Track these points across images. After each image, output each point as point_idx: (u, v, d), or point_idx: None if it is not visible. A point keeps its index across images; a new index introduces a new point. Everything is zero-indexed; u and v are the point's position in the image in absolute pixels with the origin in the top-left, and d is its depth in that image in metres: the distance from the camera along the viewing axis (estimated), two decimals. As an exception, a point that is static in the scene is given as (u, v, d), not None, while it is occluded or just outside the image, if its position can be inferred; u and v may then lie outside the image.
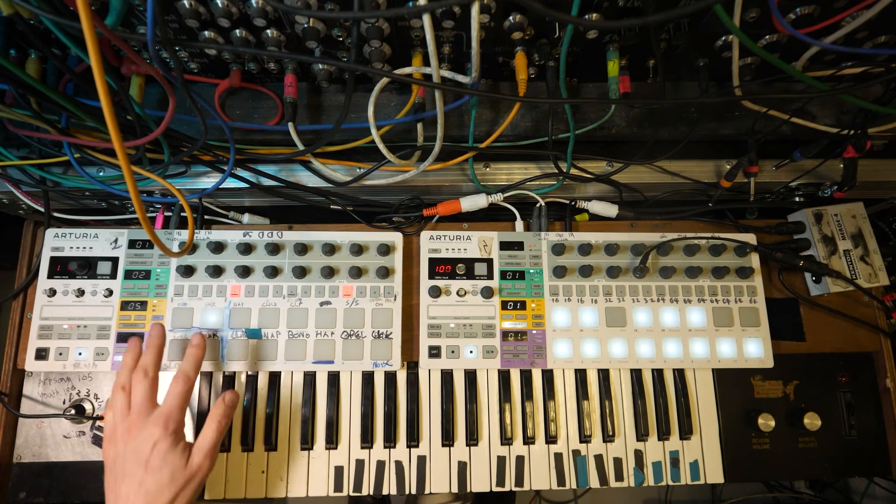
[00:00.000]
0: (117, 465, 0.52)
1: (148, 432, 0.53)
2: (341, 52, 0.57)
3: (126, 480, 0.51)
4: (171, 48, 0.47)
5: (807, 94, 0.62)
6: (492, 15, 0.50)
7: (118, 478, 0.52)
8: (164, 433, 0.53)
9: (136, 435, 0.53)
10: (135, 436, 0.53)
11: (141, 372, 0.56)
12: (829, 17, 0.49)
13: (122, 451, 0.53)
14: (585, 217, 0.74)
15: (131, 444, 0.53)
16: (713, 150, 0.70)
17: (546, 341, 0.67)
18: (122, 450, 0.53)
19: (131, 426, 0.53)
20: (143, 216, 0.43)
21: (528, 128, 0.66)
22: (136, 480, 0.51)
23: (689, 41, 0.56)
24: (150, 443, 0.52)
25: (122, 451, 0.53)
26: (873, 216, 0.73)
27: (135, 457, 0.52)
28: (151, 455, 0.52)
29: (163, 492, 0.51)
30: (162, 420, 0.53)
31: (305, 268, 0.67)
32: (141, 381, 0.55)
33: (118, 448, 0.53)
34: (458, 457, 0.65)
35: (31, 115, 0.53)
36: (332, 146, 0.64)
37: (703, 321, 0.68)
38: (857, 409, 0.69)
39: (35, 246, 0.71)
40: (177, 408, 0.55)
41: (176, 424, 0.54)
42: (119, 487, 0.51)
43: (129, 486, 0.51)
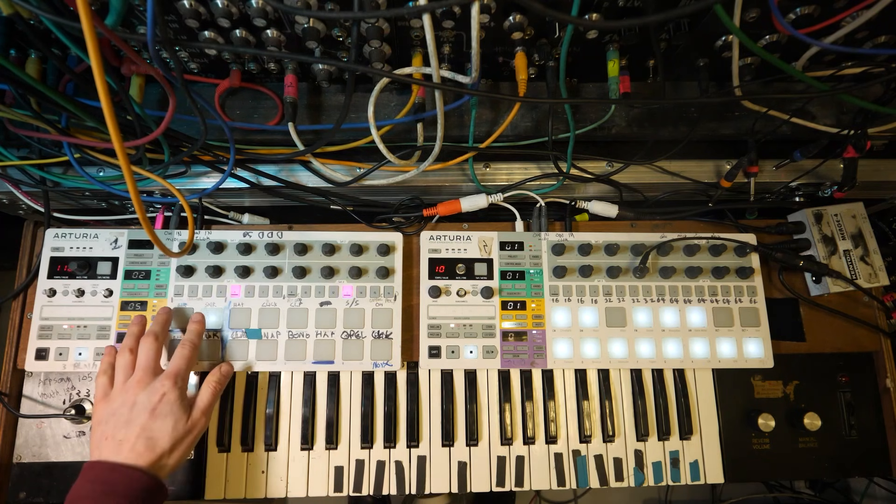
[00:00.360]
0: (118, 415, 0.54)
1: (159, 384, 0.55)
2: (341, 52, 0.57)
3: (126, 427, 0.53)
4: (171, 48, 0.47)
5: (807, 94, 0.62)
6: (492, 15, 0.50)
7: (118, 426, 0.53)
8: (174, 387, 0.56)
9: (145, 388, 0.55)
10: (143, 388, 0.55)
11: (151, 336, 0.59)
12: (829, 17, 0.49)
13: (126, 401, 0.55)
14: (585, 217, 0.74)
15: (140, 395, 0.55)
16: (713, 150, 0.70)
17: (546, 341, 0.67)
18: (126, 399, 0.55)
19: (140, 381, 0.56)
20: (143, 216, 0.43)
21: (528, 128, 0.66)
22: (139, 425, 0.53)
23: (689, 41, 0.56)
24: (160, 394, 0.55)
25: (126, 401, 0.55)
26: (873, 216, 0.73)
27: (142, 405, 0.54)
28: (160, 404, 0.54)
29: (164, 437, 0.53)
30: (172, 376, 0.56)
31: (305, 268, 0.67)
32: (151, 343, 0.58)
33: (120, 399, 0.55)
34: (458, 457, 0.65)
35: (31, 115, 0.53)
36: (332, 146, 0.64)
37: (703, 321, 0.68)
38: (857, 409, 0.69)
39: (35, 246, 0.71)
40: (185, 368, 0.58)
41: (183, 382, 0.58)
42: (116, 433, 0.53)
43: (130, 431, 0.53)
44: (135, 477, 0.50)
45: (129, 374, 0.57)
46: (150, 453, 0.52)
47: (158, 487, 0.52)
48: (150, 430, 0.53)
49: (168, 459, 0.54)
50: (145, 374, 0.56)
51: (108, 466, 0.51)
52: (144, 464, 0.51)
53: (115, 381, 0.57)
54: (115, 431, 0.53)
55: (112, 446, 0.52)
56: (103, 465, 0.51)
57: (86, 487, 0.50)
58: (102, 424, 0.54)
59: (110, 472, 0.50)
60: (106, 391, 0.57)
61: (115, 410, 0.55)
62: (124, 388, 0.56)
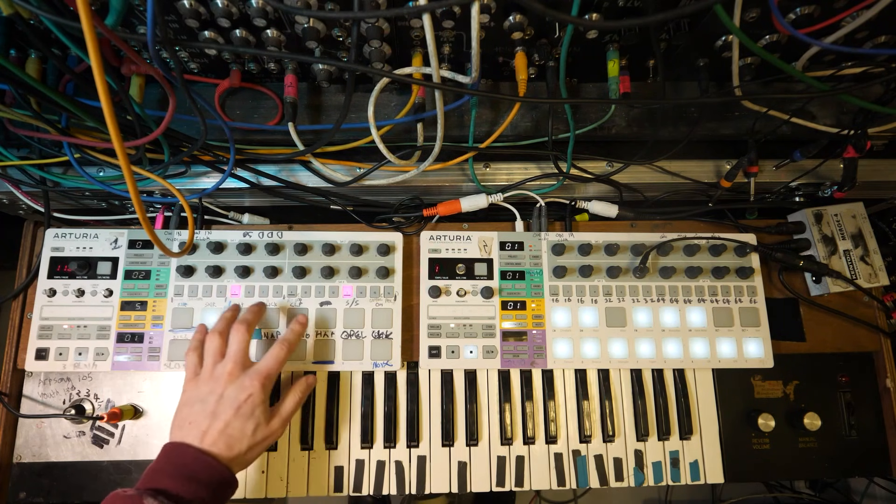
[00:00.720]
0: (206, 402, 0.54)
1: (248, 382, 0.55)
2: (341, 52, 0.57)
3: (212, 419, 0.53)
4: (171, 48, 0.47)
5: (807, 94, 0.62)
6: (492, 15, 0.50)
7: (203, 414, 0.54)
8: (261, 389, 0.56)
9: (234, 381, 0.55)
10: (232, 381, 0.55)
11: (244, 324, 0.59)
12: (829, 17, 0.49)
13: (214, 390, 0.55)
14: (585, 217, 0.74)
15: (228, 388, 0.55)
16: (713, 150, 0.70)
17: (546, 341, 0.67)
18: (214, 389, 0.55)
19: (230, 373, 0.56)
20: (143, 216, 0.43)
21: (528, 128, 0.66)
22: (222, 421, 0.53)
23: (689, 41, 0.56)
24: (247, 393, 0.55)
25: (214, 390, 0.55)
26: (873, 216, 0.73)
27: (228, 401, 0.54)
28: (245, 403, 0.54)
29: (243, 440, 0.54)
30: (261, 376, 0.56)
31: (305, 268, 0.67)
32: (243, 333, 0.58)
33: (209, 387, 0.55)
34: (458, 457, 0.65)
35: (31, 115, 0.53)
36: (332, 146, 0.64)
37: (703, 321, 0.68)
38: (857, 409, 0.69)
39: (35, 246, 0.71)
40: (275, 370, 0.58)
41: (270, 384, 0.57)
42: (201, 422, 0.53)
43: (213, 425, 0.53)
44: (216, 468, 0.51)
45: (218, 360, 0.57)
46: (228, 451, 0.53)
47: (232, 482, 0.53)
48: (233, 429, 0.53)
49: (243, 459, 0.54)
50: (235, 367, 0.56)
51: (193, 452, 0.51)
52: (224, 458, 0.52)
53: (205, 364, 0.57)
54: (200, 419, 0.53)
55: (195, 433, 0.53)
56: (189, 450, 0.52)
57: (169, 467, 0.50)
58: (188, 406, 0.55)
59: (194, 458, 0.51)
60: (196, 371, 0.57)
61: (203, 397, 0.55)
62: (213, 375, 0.56)
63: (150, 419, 0.66)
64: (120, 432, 0.65)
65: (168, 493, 0.48)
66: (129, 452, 0.64)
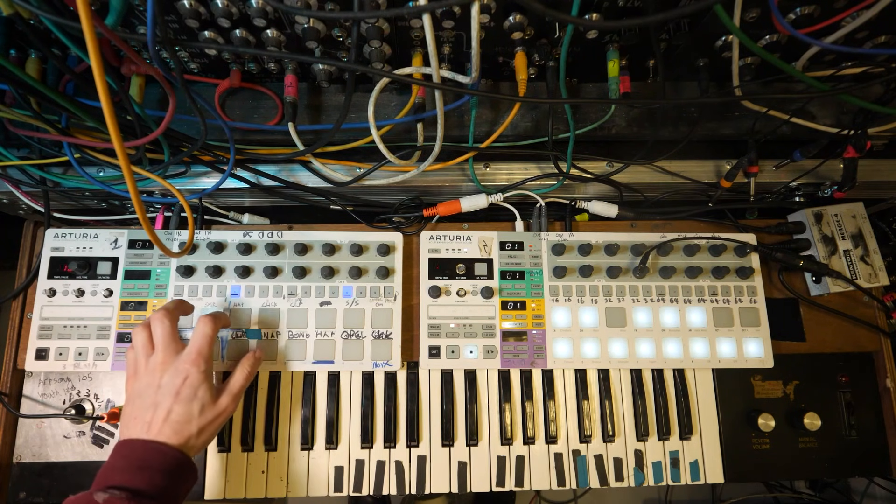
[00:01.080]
0: (144, 396, 0.54)
1: (181, 366, 0.54)
2: (341, 52, 0.57)
3: (154, 410, 0.53)
4: (171, 48, 0.47)
5: (807, 94, 0.62)
6: (492, 15, 0.50)
7: (144, 407, 0.53)
8: (196, 369, 0.55)
9: (167, 369, 0.55)
10: (166, 369, 0.55)
11: (161, 311, 0.57)
12: (829, 17, 0.49)
13: (151, 383, 0.54)
14: (585, 217, 0.74)
15: (164, 377, 0.54)
16: (713, 150, 0.70)
17: (546, 341, 0.67)
18: (151, 381, 0.54)
19: (162, 362, 0.55)
20: (143, 216, 0.43)
21: (528, 128, 0.66)
22: (164, 409, 0.52)
23: (689, 41, 0.56)
24: (182, 377, 0.54)
25: (151, 383, 0.54)
26: (873, 216, 0.73)
27: (166, 389, 0.53)
28: (182, 387, 0.53)
29: (191, 422, 0.53)
30: (192, 357, 0.55)
31: (305, 268, 0.67)
32: (162, 319, 0.57)
33: (146, 380, 0.55)
34: (458, 457, 0.65)
35: (31, 115, 0.53)
36: (332, 146, 0.64)
37: (703, 321, 0.68)
38: (857, 409, 0.69)
39: (35, 246, 0.71)
40: (206, 346, 0.56)
41: (206, 364, 0.56)
42: (144, 415, 0.53)
43: (156, 415, 0.52)
44: (167, 453, 0.51)
45: (150, 353, 0.56)
46: (177, 436, 0.52)
47: (189, 465, 0.52)
48: (176, 414, 0.52)
49: (195, 441, 0.53)
50: (166, 354, 0.55)
51: (140, 443, 0.51)
52: (173, 444, 0.52)
53: (137, 361, 0.57)
54: (142, 413, 0.53)
55: (140, 427, 0.52)
56: (136, 443, 0.51)
57: (119, 462, 0.50)
58: (130, 404, 0.55)
59: (143, 448, 0.51)
60: (136, 368, 0.57)
61: (141, 391, 0.54)
62: (147, 368, 0.55)
63: (150, 419, 0.65)
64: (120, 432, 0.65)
65: (121, 487, 0.47)
66: (129, 452, 0.64)
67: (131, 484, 0.47)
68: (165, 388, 0.54)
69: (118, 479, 0.48)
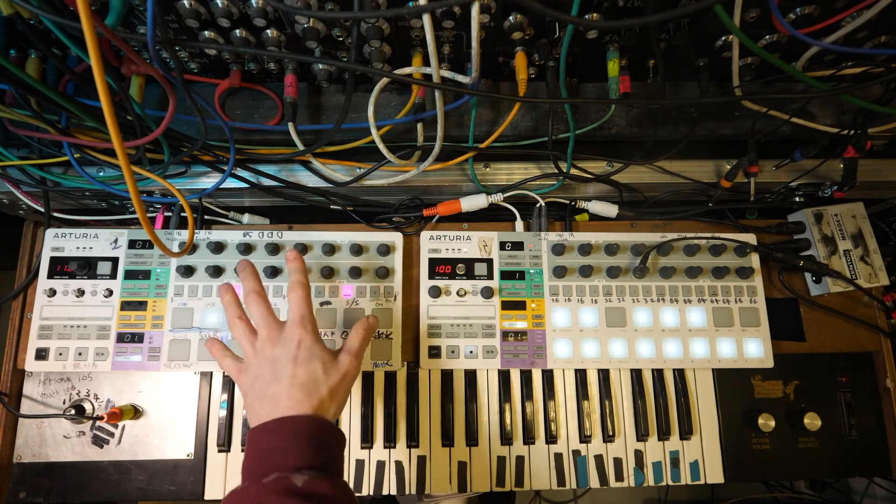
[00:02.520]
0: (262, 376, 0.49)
1: (289, 333, 0.51)
2: (341, 52, 0.57)
3: (276, 382, 0.48)
4: (171, 48, 0.47)
5: (807, 94, 0.62)
6: (492, 15, 0.50)
7: (266, 385, 0.49)
8: (305, 331, 0.51)
9: (276, 342, 0.51)
10: (275, 343, 0.51)
11: (254, 294, 0.54)
12: (829, 17, 0.49)
13: (264, 361, 0.50)
14: (585, 217, 0.74)
15: (275, 350, 0.50)
16: (713, 150, 0.70)
17: (546, 341, 0.67)
18: (263, 360, 0.50)
19: (268, 337, 0.51)
20: (143, 216, 0.43)
21: (528, 128, 0.66)
22: (286, 376, 0.48)
23: (689, 41, 0.56)
24: (295, 342, 0.50)
25: (264, 361, 0.50)
26: (873, 216, 0.73)
27: (282, 358, 0.50)
28: (298, 351, 0.50)
29: (318, 383, 0.49)
30: (298, 322, 0.52)
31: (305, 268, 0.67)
32: (258, 301, 0.53)
33: (258, 361, 0.51)
34: (458, 457, 0.65)
35: (31, 115, 0.53)
36: (332, 146, 0.64)
37: (703, 321, 0.68)
38: (857, 409, 0.69)
39: (35, 246, 0.71)
40: (307, 311, 0.53)
41: (312, 325, 0.52)
42: (268, 391, 0.48)
43: (280, 385, 0.48)
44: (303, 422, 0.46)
45: (253, 339, 0.52)
46: (310, 399, 0.47)
47: (332, 428, 0.48)
48: (300, 377, 0.48)
49: (330, 406, 0.49)
50: (271, 330, 0.51)
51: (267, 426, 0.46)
52: (308, 410, 0.47)
53: (244, 351, 0.53)
54: (265, 390, 0.48)
55: (268, 406, 0.48)
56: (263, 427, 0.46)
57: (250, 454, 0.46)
58: (250, 392, 0.50)
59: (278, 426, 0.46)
60: (238, 367, 0.53)
61: (257, 374, 0.50)
62: (256, 351, 0.51)
63: (150, 419, 0.66)
64: (120, 432, 0.65)
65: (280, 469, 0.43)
66: (129, 452, 0.64)
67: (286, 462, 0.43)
68: (281, 357, 0.50)
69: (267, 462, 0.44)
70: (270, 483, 0.42)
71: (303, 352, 0.50)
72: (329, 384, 0.49)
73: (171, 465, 0.64)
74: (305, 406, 0.47)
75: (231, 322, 0.54)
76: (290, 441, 0.45)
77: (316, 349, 0.51)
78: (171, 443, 0.65)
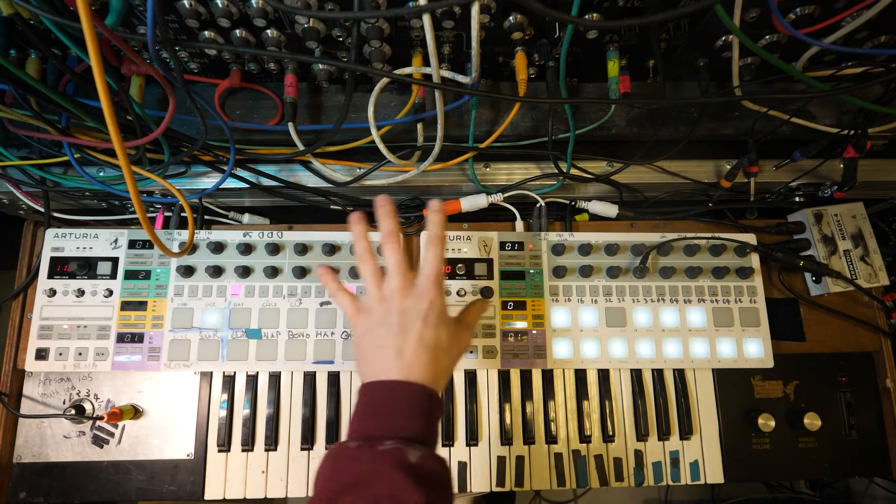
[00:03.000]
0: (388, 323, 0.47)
1: (422, 290, 0.48)
2: (341, 52, 0.57)
3: (403, 335, 0.46)
4: (171, 48, 0.47)
5: (807, 94, 0.62)
6: (492, 15, 0.50)
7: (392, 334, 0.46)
8: (439, 295, 0.48)
9: (408, 294, 0.48)
10: (407, 294, 0.48)
11: (392, 236, 0.50)
12: (829, 17, 0.49)
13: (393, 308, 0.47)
14: (585, 217, 0.74)
15: (406, 301, 0.47)
16: (713, 150, 0.70)
17: (546, 341, 0.67)
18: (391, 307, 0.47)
19: (401, 286, 0.48)
20: (143, 216, 0.43)
21: (528, 128, 0.66)
22: (415, 334, 0.46)
23: (689, 41, 0.56)
24: (427, 300, 0.47)
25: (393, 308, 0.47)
26: (873, 216, 0.73)
27: (412, 312, 0.47)
28: (429, 312, 0.47)
29: (441, 352, 0.47)
30: (433, 280, 0.48)
31: (305, 268, 0.67)
32: (393, 246, 0.49)
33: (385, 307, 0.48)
34: (458, 457, 0.65)
35: (31, 115, 0.53)
36: (332, 146, 0.64)
37: (703, 321, 0.68)
38: (857, 409, 0.69)
39: (35, 246, 0.71)
40: (440, 269, 0.50)
41: (441, 283, 0.50)
42: (393, 342, 0.46)
43: (408, 339, 0.46)
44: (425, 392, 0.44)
45: (381, 281, 0.49)
46: (433, 366, 0.45)
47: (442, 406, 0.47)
48: (429, 341, 0.46)
49: (443, 379, 0.47)
50: (404, 280, 0.48)
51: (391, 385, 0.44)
52: (428, 380, 0.45)
53: (368, 290, 0.50)
54: (391, 340, 0.46)
55: (391, 356, 0.45)
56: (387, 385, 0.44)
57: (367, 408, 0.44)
58: (367, 335, 0.48)
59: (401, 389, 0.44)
60: (356, 305, 0.50)
61: (382, 320, 0.47)
62: (383, 296, 0.48)
63: (150, 419, 0.66)
64: (120, 432, 0.65)
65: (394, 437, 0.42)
66: (129, 452, 0.64)
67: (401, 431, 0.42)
68: (411, 311, 0.47)
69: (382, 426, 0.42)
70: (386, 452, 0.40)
71: (433, 314, 0.47)
72: (450, 356, 0.48)
73: (171, 465, 0.64)
74: (428, 374, 0.45)
75: (360, 256, 0.51)
76: (410, 408, 0.43)
77: (444, 315, 0.48)
78: (171, 443, 0.65)
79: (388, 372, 0.45)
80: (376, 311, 0.48)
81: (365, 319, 0.49)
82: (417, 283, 0.49)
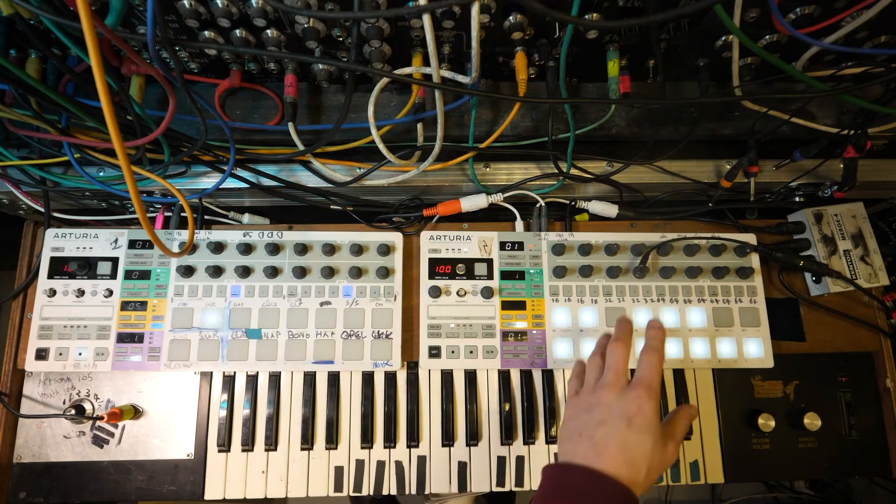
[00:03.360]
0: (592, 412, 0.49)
1: (633, 393, 0.49)
2: (341, 52, 0.57)
3: (604, 427, 0.47)
4: (171, 48, 0.47)
5: (807, 94, 0.62)
6: (492, 15, 0.50)
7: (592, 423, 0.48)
8: (651, 403, 0.49)
9: (618, 392, 0.50)
10: (614, 392, 0.50)
11: (620, 342, 0.53)
12: (829, 17, 0.49)
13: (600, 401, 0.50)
14: (585, 217, 0.74)
15: (612, 396, 0.49)
16: (713, 150, 0.70)
17: (546, 341, 0.67)
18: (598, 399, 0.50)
19: (611, 383, 0.50)
20: (143, 216, 0.43)
21: (528, 128, 0.66)
22: (619, 432, 0.47)
23: (689, 41, 0.56)
24: (636, 404, 0.48)
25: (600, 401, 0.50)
26: (873, 216, 0.73)
27: (616, 410, 0.48)
28: (637, 416, 0.47)
29: (643, 458, 0.46)
30: (645, 385, 0.49)
31: (305, 268, 0.67)
32: (621, 348, 0.52)
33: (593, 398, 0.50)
34: (458, 457, 0.65)
35: (31, 115, 0.53)
36: (332, 146, 0.64)
37: (703, 321, 0.68)
38: (857, 409, 0.69)
39: (35, 246, 0.71)
40: (656, 379, 0.50)
41: (656, 395, 0.50)
42: (592, 432, 0.47)
43: (607, 435, 0.47)
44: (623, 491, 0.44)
45: (599, 376, 0.52)
46: (629, 469, 0.45)
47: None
48: (629, 443, 0.46)
49: (643, 483, 0.46)
50: (616, 377, 0.50)
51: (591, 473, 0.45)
52: (624, 478, 0.45)
53: (586, 381, 0.54)
54: (591, 430, 0.48)
55: (588, 447, 0.47)
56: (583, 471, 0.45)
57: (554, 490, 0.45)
58: (573, 420, 0.51)
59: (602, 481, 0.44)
60: (575, 389, 0.55)
61: (588, 408, 0.50)
62: (594, 388, 0.51)
63: (150, 419, 0.66)
64: (120, 432, 0.65)
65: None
66: (129, 452, 0.64)
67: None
68: (615, 408, 0.48)
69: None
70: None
71: (640, 418, 0.47)
72: (650, 465, 0.46)
73: (171, 465, 0.64)
74: (624, 473, 0.45)
75: (591, 355, 0.56)
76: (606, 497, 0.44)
77: (654, 423, 0.48)
78: (171, 443, 0.65)
79: (580, 458, 0.47)
80: (584, 399, 0.52)
81: (575, 403, 0.53)
82: (630, 385, 0.50)
